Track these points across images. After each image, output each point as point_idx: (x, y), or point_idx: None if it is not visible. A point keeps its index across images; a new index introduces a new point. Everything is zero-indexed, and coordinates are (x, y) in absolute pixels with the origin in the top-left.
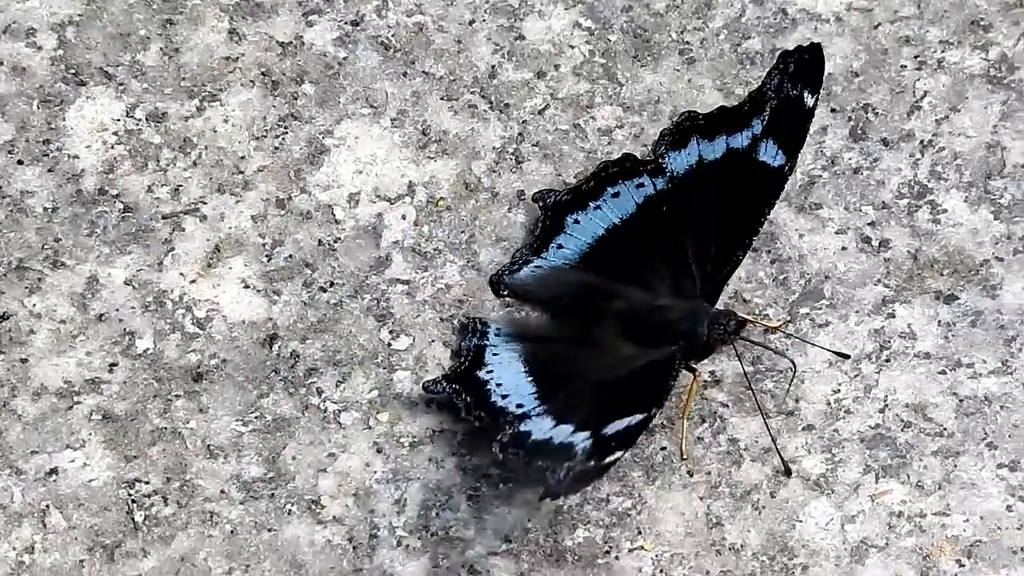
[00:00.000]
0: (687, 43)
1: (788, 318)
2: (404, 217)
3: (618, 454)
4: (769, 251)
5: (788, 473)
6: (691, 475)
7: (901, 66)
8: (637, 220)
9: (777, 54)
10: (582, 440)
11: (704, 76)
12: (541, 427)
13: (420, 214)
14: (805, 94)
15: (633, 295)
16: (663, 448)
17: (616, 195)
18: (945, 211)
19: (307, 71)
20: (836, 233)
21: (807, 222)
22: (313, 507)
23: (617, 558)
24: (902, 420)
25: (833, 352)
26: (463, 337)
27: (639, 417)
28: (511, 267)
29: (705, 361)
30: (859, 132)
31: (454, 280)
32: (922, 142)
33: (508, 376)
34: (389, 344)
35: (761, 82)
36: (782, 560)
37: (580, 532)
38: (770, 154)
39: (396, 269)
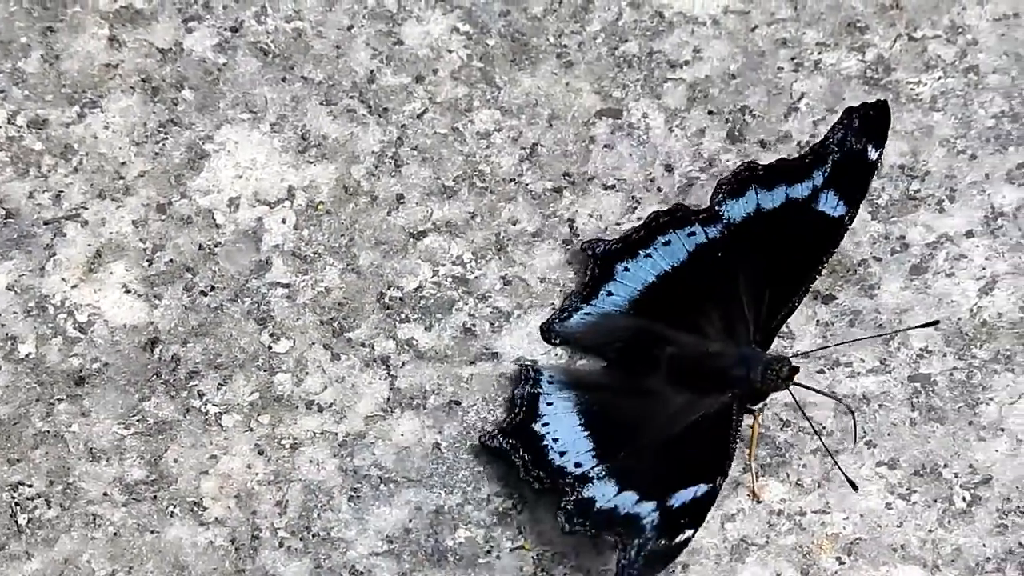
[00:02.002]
0: (565, 47)
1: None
2: (284, 221)
3: (688, 533)
4: None
5: (855, 488)
6: None
7: (778, 68)
8: (689, 267)
9: (843, 110)
10: (649, 512)
11: (582, 79)
12: (604, 493)
13: (300, 218)
14: (869, 148)
15: (686, 341)
16: None
17: (667, 243)
18: None
19: (187, 77)
20: None
21: None
22: (195, 509)
23: (499, 558)
24: (781, 419)
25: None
26: (516, 384)
27: (704, 488)
28: (561, 314)
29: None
30: (737, 134)
31: (334, 283)
32: (799, 143)
33: (564, 430)
34: (269, 347)
35: (825, 135)
36: None
37: (461, 532)
38: (830, 204)
39: (276, 273)
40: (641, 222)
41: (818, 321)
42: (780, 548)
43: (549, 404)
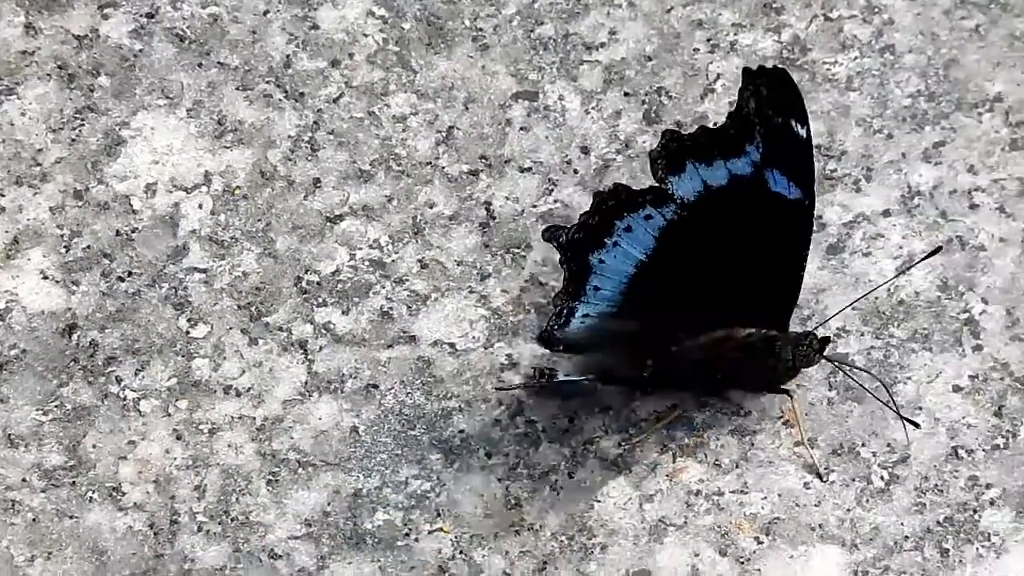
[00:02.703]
0: (480, 30)
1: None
2: (201, 206)
3: None
4: None
5: (917, 426)
6: (489, 457)
7: (694, 49)
8: (666, 254)
9: (742, 71)
10: None
11: (498, 62)
12: None
13: (217, 203)
14: (792, 123)
15: (703, 330)
16: (461, 431)
17: (628, 229)
18: None
19: (103, 63)
20: None
21: None
22: (114, 494)
23: (417, 540)
24: (699, 400)
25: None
26: (534, 380)
27: None
28: (557, 320)
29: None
30: (653, 115)
31: (251, 268)
32: (716, 124)
33: None
34: (187, 332)
35: (737, 102)
36: (581, 540)
37: (380, 515)
38: (782, 186)
39: (193, 258)
40: (589, 206)
41: None
42: (698, 528)
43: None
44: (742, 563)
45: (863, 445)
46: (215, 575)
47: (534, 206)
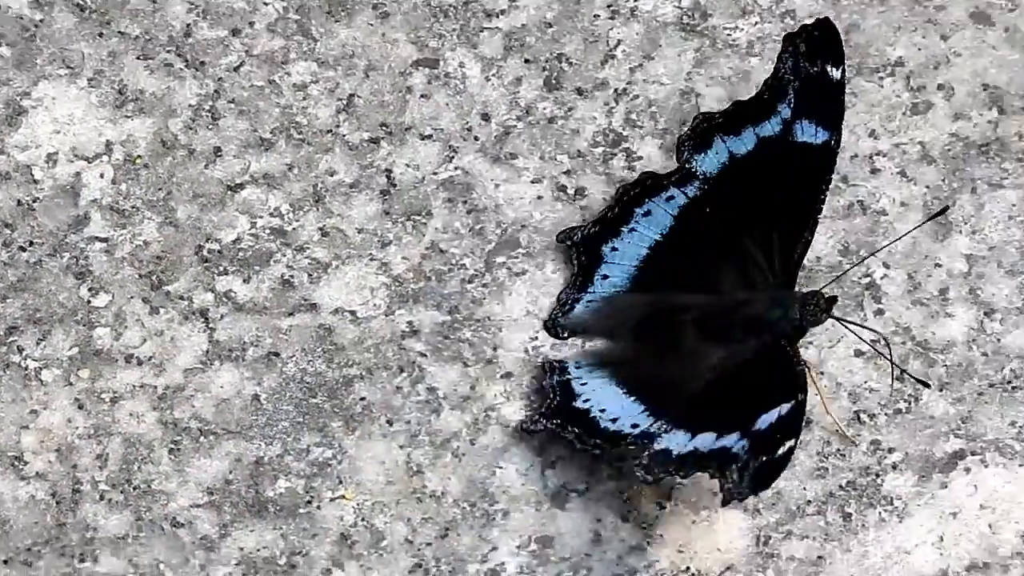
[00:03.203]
0: None
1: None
2: (102, 176)
3: (789, 444)
4: (465, 201)
5: (927, 386)
6: (391, 424)
7: (594, 16)
8: (681, 230)
9: (783, 37)
10: (735, 442)
11: (398, 30)
12: (678, 442)
13: (118, 172)
14: (828, 68)
15: (707, 301)
16: (362, 398)
17: (648, 213)
18: (640, 158)
19: (3, 34)
20: (532, 182)
21: (503, 172)
22: (16, 464)
23: (319, 508)
24: None
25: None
26: (545, 376)
27: (787, 407)
28: (562, 308)
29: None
30: (554, 82)
31: (152, 237)
32: (616, 90)
33: (608, 400)
34: (88, 301)
35: (775, 67)
36: (483, 506)
37: (281, 483)
38: (809, 133)
39: (95, 227)
40: (612, 200)
41: None
42: (601, 494)
43: (584, 384)
44: (644, 528)
45: None
46: (117, 543)
47: (435, 173)
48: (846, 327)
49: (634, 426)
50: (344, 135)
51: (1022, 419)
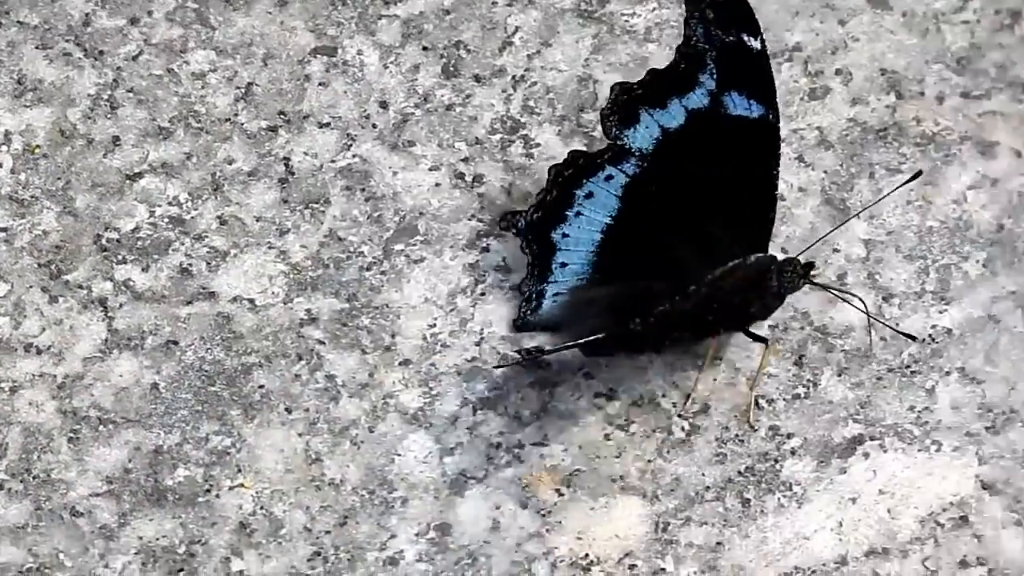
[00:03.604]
0: None
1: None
2: (1, 165)
3: None
4: (363, 189)
5: (914, 339)
6: (289, 412)
7: (492, 3)
8: (633, 210)
9: (685, 2)
10: None
11: (296, 18)
12: None
13: (16, 162)
14: (744, 37)
15: (682, 279)
16: (261, 386)
17: (590, 195)
18: (538, 145)
19: None
20: (430, 170)
21: (400, 159)
22: None
23: (218, 496)
24: (499, 352)
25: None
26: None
27: None
28: (529, 304)
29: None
30: (451, 69)
31: (51, 227)
32: (514, 77)
33: None
34: None
35: (684, 34)
36: (382, 494)
37: (180, 471)
38: (742, 107)
39: None
40: (545, 182)
41: None
42: (499, 481)
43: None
44: (543, 515)
45: (663, 396)
46: (17, 533)
47: (333, 161)
48: (826, 291)
49: None
50: (242, 123)
51: (921, 404)
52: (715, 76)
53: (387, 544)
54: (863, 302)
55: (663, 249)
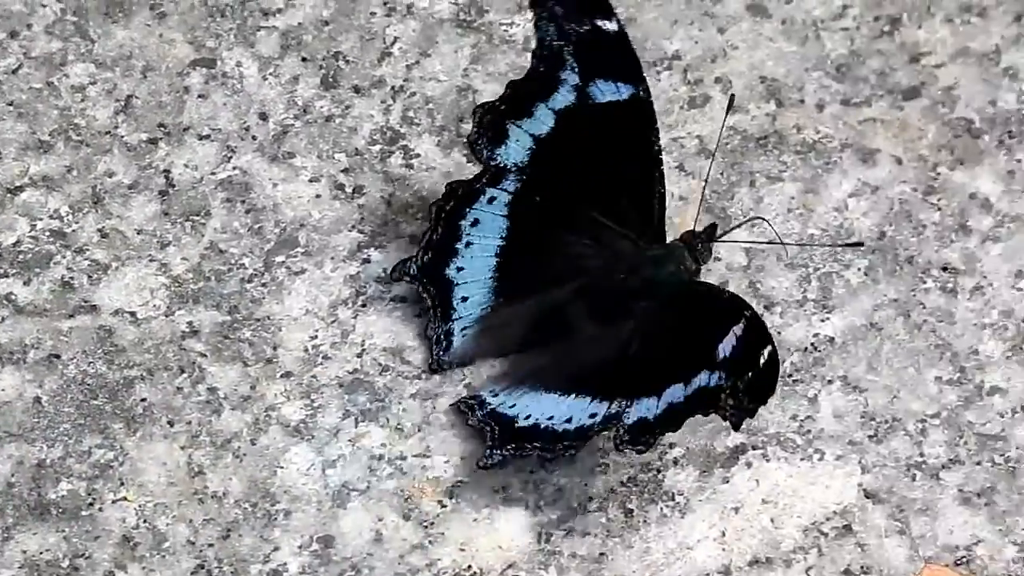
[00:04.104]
0: None
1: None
2: None
3: (768, 350)
4: (243, 201)
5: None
6: (172, 425)
7: (371, 13)
8: (522, 225)
9: (530, 3)
10: (709, 377)
11: (175, 30)
12: (647, 407)
13: None
14: (598, 23)
15: (593, 281)
16: (143, 399)
17: (475, 223)
18: (418, 155)
19: None
20: (310, 181)
21: (280, 171)
22: None
23: (101, 510)
24: (380, 364)
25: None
26: (467, 417)
27: (740, 325)
28: (439, 346)
29: None
30: (330, 80)
31: None
32: (393, 88)
33: (550, 407)
34: None
35: (537, 37)
36: (264, 506)
37: (63, 485)
38: (611, 92)
39: None
40: (428, 221)
41: None
42: (382, 493)
43: (513, 406)
44: (426, 527)
45: None
46: None
47: (213, 173)
48: (731, 240)
49: (592, 416)
50: (122, 136)
51: (803, 412)
52: (576, 70)
53: (270, 557)
54: (769, 223)
55: (562, 253)
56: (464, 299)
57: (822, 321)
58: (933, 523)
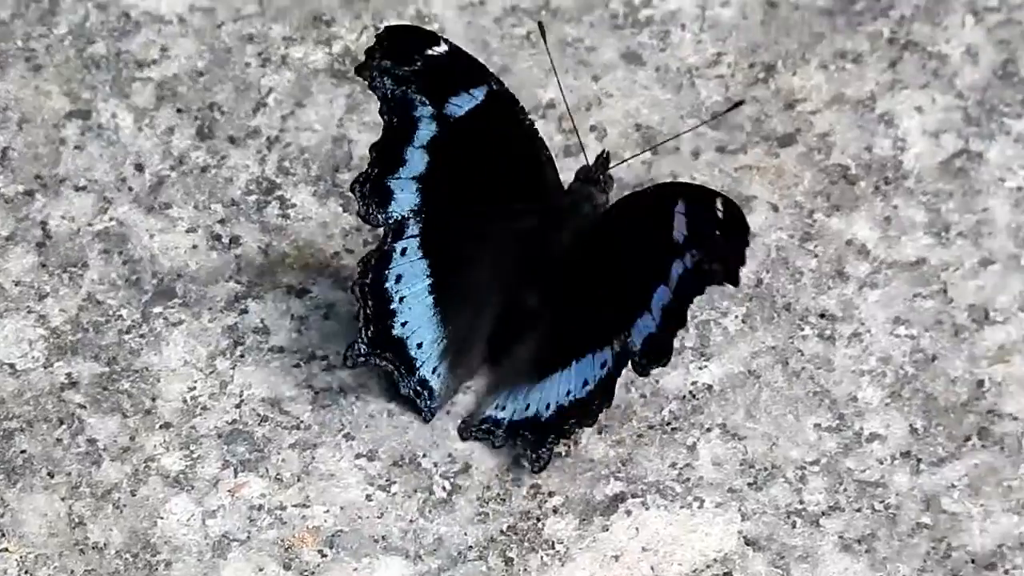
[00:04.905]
0: (33, 50)
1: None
2: None
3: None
4: (120, 252)
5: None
6: (52, 476)
7: (246, 64)
8: (444, 254)
9: (356, 68)
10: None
11: (51, 82)
12: (643, 327)
13: None
14: (428, 53)
15: (529, 261)
16: (23, 451)
17: (399, 278)
18: (295, 205)
19: None
20: (187, 232)
21: (157, 222)
22: None
23: None
24: (259, 415)
25: None
26: (495, 442)
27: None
28: (423, 400)
29: None
30: (206, 131)
31: None
32: (269, 138)
33: (560, 385)
34: None
35: (377, 95)
36: (145, 557)
37: None
38: (466, 101)
39: None
40: (355, 303)
41: (292, 315)
42: (262, 543)
43: (526, 407)
44: None
45: (424, 456)
46: None
47: (90, 224)
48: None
49: (603, 366)
50: None
51: (682, 460)
52: (427, 102)
53: None
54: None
55: (488, 254)
56: (419, 345)
57: (700, 369)
58: (814, 570)
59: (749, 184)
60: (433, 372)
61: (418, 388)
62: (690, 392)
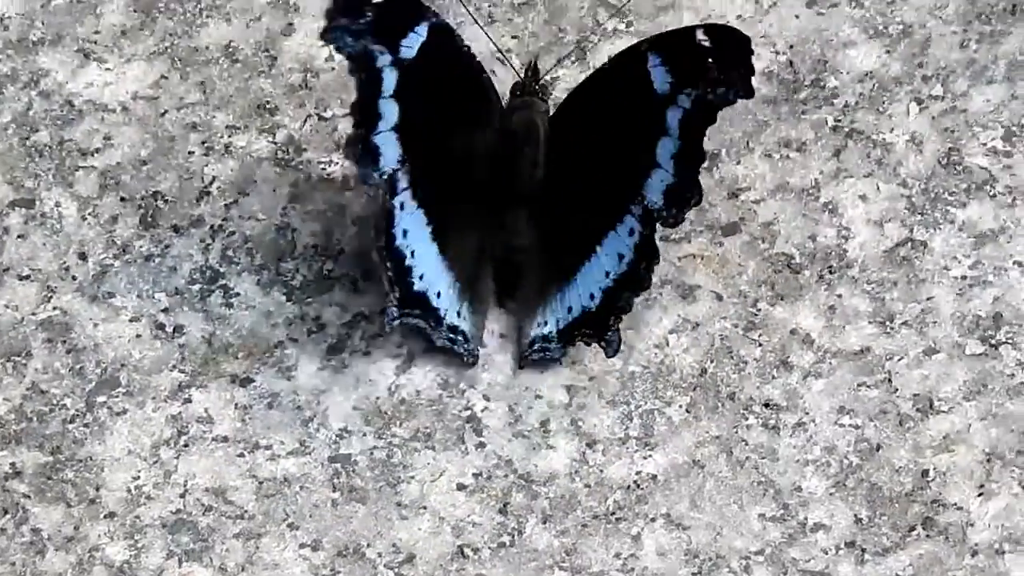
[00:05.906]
0: None
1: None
2: None
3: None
4: (64, 341)
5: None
6: None
7: (189, 152)
8: (435, 200)
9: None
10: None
11: None
12: (657, 186)
13: None
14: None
15: (511, 179)
16: None
17: (406, 232)
18: (238, 294)
19: None
20: (130, 321)
21: (101, 311)
22: None
23: None
24: (203, 504)
25: None
26: (554, 356)
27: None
28: (457, 344)
29: None
30: (149, 220)
31: None
32: (212, 227)
33: (594, 276)
34: None
35: (347, 57)
36: None
37: None
38: (415, 40)
39: None
40: (378, 268)
41: (236, 405)
42: None
43: (569, 309)
44: None
45: (368, 546)
46: None
47: (33, 314)
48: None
49: (631, 234)
50: None
51: (627, 550)
52: (384, 51)
53: None
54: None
55: (474, 187)
56: (438, 294)
57: (644, 459)
58: None
59: (693, 273)
60: (458, 315)
61: (450, 336)
62: (634, 482)
